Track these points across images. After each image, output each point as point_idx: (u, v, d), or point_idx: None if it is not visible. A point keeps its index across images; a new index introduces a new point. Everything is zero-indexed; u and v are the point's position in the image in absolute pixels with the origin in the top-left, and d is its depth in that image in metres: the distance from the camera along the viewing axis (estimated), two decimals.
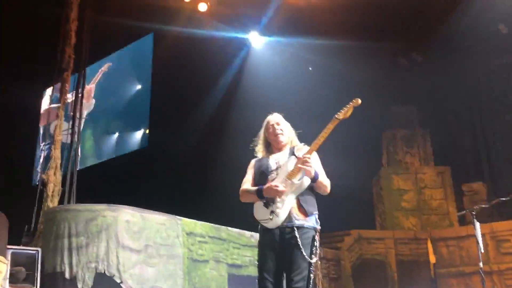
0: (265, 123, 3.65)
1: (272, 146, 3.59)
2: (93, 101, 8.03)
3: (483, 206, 5.66)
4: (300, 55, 10.08)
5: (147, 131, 9.80)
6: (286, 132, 3.57)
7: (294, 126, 3.68)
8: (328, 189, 3.40)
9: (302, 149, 3.46)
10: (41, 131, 10.50)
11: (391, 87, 10.54)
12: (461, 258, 8.54)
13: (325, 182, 3.37)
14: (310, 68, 10.68)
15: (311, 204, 3.36)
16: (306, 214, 3.29)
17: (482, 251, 5.26)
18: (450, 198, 10.20)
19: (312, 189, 3.36)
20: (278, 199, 3.27)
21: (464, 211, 6.12)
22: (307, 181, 3.28)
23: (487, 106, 10.49)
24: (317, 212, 3.37)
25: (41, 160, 9.65)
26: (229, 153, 8.52)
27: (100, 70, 8.46)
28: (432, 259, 8.54)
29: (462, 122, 10.60)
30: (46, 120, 7.90)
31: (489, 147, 10.57)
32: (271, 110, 3.83)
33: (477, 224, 5.34)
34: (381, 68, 10.20)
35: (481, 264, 5.23)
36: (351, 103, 3.36)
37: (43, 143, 10.22)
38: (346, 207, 9.14)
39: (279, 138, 3.54)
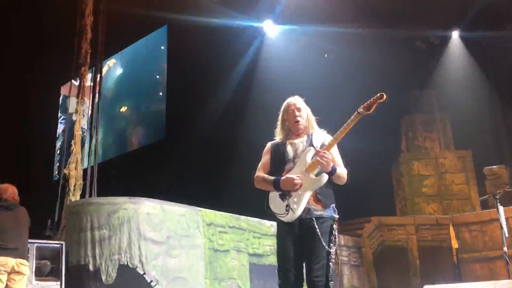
0: (284, 106, 3.52)
1: (290, 130, 3.48)
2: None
3: (507, 189, 5.58)
4: (316, 43, 10.00)
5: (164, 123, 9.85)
6: (305, 118, 3.46)
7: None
8: (345, 180, 3.35)
9: (320, 137, 3.42)
10: (60, 100, 10.66)
11: (409, 72, 10.40)
12: (484, 243, 8.44)
13: (342, 174, 3.31)
14: (326, 55, 10.59)
15: (328, 197, 3.32)
16: (323, 206, 3.28)
17: (507, 235, 5.19)
18: (472, 182, 10.07)
19: (329, 181, 3.31)
20: (294, 193, 3.25)
21: (487, 196, 6.06)
22: (325, 178, 3.22)
23: (508, 88, 10.27)
24: (334, 204, 3.35)
25: (58, 132, 9.72)
26: (247, 143, 8.52)
27: (106, 65, 8.50)
28: (455, 244, 8.45)
29: (482, 105, 10.41)
30: (67, 91, 7.95)
31: (510, 129, 10.38)
32: (288, 96, 3.76)
33: (501, 208, 5.28)
34: (399, 53, 10.06)
35: (505, 249, 5.17)
36: (375, 98, 3.21)
37: (60, 115, 10.41)
38: (366, 194, 9.08)
39: (298, 125, 3.44)
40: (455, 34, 10.46)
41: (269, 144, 3.56)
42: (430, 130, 10.86)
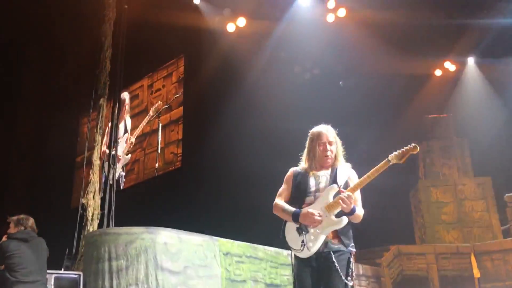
0: (315, 134, 3.45)
1: (316, 161, 3.42)
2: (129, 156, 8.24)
3: None
4: (332, 70, 10.08)
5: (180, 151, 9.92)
6: (335, 152, 3.41)
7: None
8: (360, 220, 3.31)
9: (345, 173, 3.36)
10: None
11: (425, 97, 10.40)
12: (507, 272, 8.23)
13: (359, 215, 3.28)
14: (341, 83, 10.66)
15: (348, 237, 3.30)
16: (342, 243, 3.25)
17: None
18: (492, 209, 9.88)
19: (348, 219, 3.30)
20: (311, 230, 3.23)
21: (509, 224, 5.94)
22: (344, 221, 3.19)
23: None
24: (352, 243, 3.32)
25: None
26: (265, 170, 8.52)
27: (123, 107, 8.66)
28: (477, 273, 8.27)
29: (500, 130, 10.30)
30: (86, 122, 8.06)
31: None
32: (306, 121, 3.74)
33: None
34: (414, 78, 10.09)
35: None
36: (408, 148, 3.18)
37: None
38: (384, 222, 8.97)
39: (327, 159, 3.39)
40: (471, 60, 10.49)
41: (291, 171, 3.52)
42: (448, 156, 10.76)
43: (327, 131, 3.45)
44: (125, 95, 8.23)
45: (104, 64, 6.97)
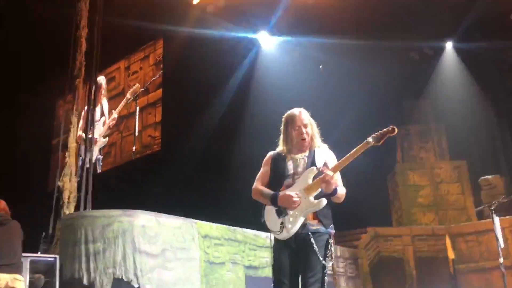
0: (289, 117, 3.46)
1: (293, 144, 3.43)
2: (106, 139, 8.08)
3: (502, 200, 5.58)
4: (310, 54, 10.05)
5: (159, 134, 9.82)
6: (310, 133, 3.42)
7: None
8: (342, 199, 3.33)
9: (323, 154, 3.37)
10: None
11: (403, 82, 10.46)
12: (481, 253, 8.43)
13: (341, 195, 3.30)
14: (321, 66, 10.64)
15: (328, 217, 3.32)
16: (322, 224, 3.26)
17: (502, 246, 5.19)
18: (467, 192, 10.09)
19: (329, 199, 3.31)
20: (290, 212, 3.23)
21: (483, 206, 6.05)
22: (323, 203, 3.19)
23: (503, 97, 10.34)
24: (332, 224, 3.34)
25: None
26: (242, 154, 8.52)
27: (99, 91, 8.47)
28: (451, 255, 8.45)
29: (477, 115, 10.47)
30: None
31: (505, 139, 10.42)
32: (284, 108, 3.73)
33: (496, 219, 5.28)
34: (393, 64, 10.12)
35: (501, 259, 5.16)
36: (386, 130, 3.20)
37: None
38: (362, 205, 9.06)
39: (304, 142, 3.40)
40: (449, 45, 10.54)
41: (269, 155, 3.52)
42: (425, 141, 10.90)
43: (300, 113, 3.45)
44: (101, 79, 8.09)
45: (80, 44, 6.80)
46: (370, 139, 3.21)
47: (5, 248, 4.36)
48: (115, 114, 7.36)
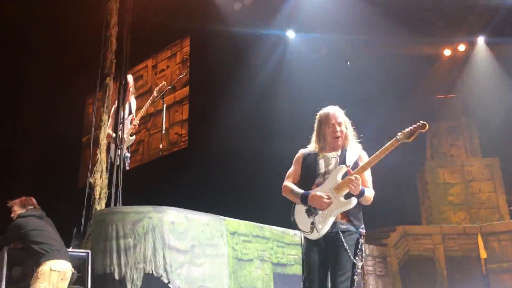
0: (323, 116, 3.41)
1: (326, 142, 3.39)
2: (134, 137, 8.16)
3: None
4: (338, 51, 9.97)
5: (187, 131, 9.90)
6: (345, 133, 3.37)
7: None
8: (371, 201, 3.29)
9: (355, 153, 3.33)
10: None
11: (434, 78, 10.29)
12: None
13: (369, 196, 3.26)
14: (348, 62, 10.54)
15: (359, 219, 3.29)
16: (353, 225, 3.23)
17: None
18: (500, 190, 9.86)
19: (357, 201, 3.26)
20: (320, 212, 3.20)
21: None
22: (354, 203, 3.16)
23: None
24: (363, 225, 3.30)
25: None
26: (271, 151, 8.50)
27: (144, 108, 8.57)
28: (483, 254, 8.28)
29: (509, 111, 10.21)
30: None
31: None
32: (312, 105, 3.69)
33: None
34: (425, 59, 9.97)
35: None
36: (416, 126, 3.12)
37: None
38: (391, 203, 8.95)
39: (337, 141, 3.35)
40: (481, 40, 10.32)
41: (300, 152, 3.49)
42: (455, 137, 10.69)
43: (335, 112, 3.41)
44: (129, 77, 8.20)
45: (110, 43, 6.89)
46: (399, 135, 3.15)
47: (55, 237, 4.48)
48: (136, 121, 7.43)
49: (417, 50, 9.85)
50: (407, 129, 3.15)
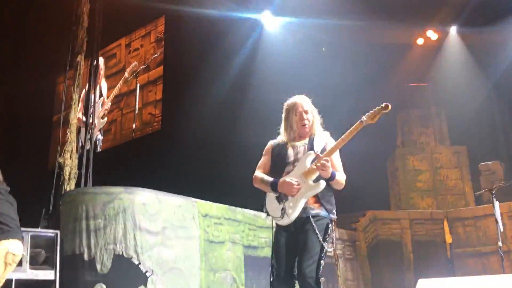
0: (290, 105, 3.46)
1: (294, 131, 3.44)
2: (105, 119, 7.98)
3: (503, 185, 5.60)
4: (314, 35, 9.96)
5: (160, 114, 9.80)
6: (311, 120, 3.41)
7: None
8: (343, 186, 3.33)
9: (322, 140, 3.36)
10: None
11: (405, 66, 10.41)
12: (478, 238, 8.50)
13: (340, 180, 3.29)
14: (324, 49, 10.57)
15: (330, 202, 3.32)
16: (325, 209, 3.26)
17: (502, 230, 5.21)
18: (466, 178, 10.13)
19: (329, 185, 3.30)
20: (290, 197, 3.23)
21: (482, 191, 6.07)
22: (323, 184, 3.20)
23: (505, 83, 10.30)
24: (335, 209, 3.34)
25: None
26: (244, 135, 8.51)
27: (117, 87, 8.40)
28: (449, 239, 8.52)
29: (478, 100, 10.45)
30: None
31: (506, 125, 10.42)
32: (287, 91, 3.72)
33: (496, 203, 5.30)
34: (396, 47, 10.06)
35: (500, 243, 5.19)
36: (379, 108, 3.17)
37: None
38: (361, 188, 9.09)
39: (305, 128, 3.40)
40: (453, 30, 10.46)
41: (270, 143, 3.53)
42: (425, 125, 10.89)
43: (302, 100, 3.46)
44: (100, 60, 8.04)
45: (82, 20, 6.72)
46: (364, 117, 3.19)
47: (16, 217, 4.19)
48: (108, 104, 7.32)
49: (390, 38, 9.93)
50: (371, 111, 3.20)
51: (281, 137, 3.50)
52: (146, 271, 5.10)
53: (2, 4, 10.54)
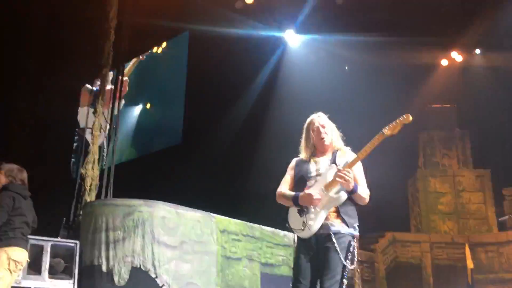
0: (308, 123, 3.48)
1: (315, 148, 3.44)
2: (122, 101, 8.06)
3: None
4: (337, 52, 9.97)
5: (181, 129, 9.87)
6: (330, 135, 3.40)
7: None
8: (367, 201, 3.28)
9: (344, 155, 3.34)
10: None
11: (429, 87, 10.33)
12: (500, 264, 8.30)
13: (363, 194, 3.24)
14: (346, 67, 10.57)
15: (352, 216, 3.26)
16: (346, 224, 3.23)
17: None
18: (489, 202, 9.93)
19: (352, 199, 3.26)
20: (312, 209, 3.21)
21: (506, 216, 5.94)
22: (344, 196, 3.17)
23: None
24: (357, 223, 3.30)
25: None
26: (265, 152, 8.51)
27: (132, 62, 8.49)
28: (470, 264, 8.31)
29: (502, 123, 10.27)
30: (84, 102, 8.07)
31: None
32: (308, 108, 3.74)
33: None
34: (420, 68, 9.99)
35: None
36: (400, 119, 3.14)
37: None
38: (380, 209, 8.97)
39: (323, 142, 3.38)
40: (478, 51, 10.37)
41: (294, 161, 3.53)
42: (448, 147, 10.74)
43: (318, 116, 3.47)
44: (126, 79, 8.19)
45: (109, 34, 6.86)
46: (385, 129, 3.17)
47: (29, 223, 4.17)
48: None
49: (414, 58, 9.87)
50: (392, 123, 3.17)
51: (303, 155, 3.50)
52: (163, 285, 5.09)
53: (31, 14, 10.81)
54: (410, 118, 3.11)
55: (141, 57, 7.95)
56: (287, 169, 3.54)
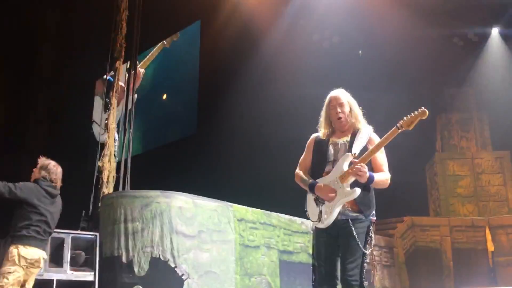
0: (327, 100, 3.43)
1: (332, 126, 3.40)
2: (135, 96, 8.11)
3: None
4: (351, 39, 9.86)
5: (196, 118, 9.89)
6: (347, 113, 3.35)
7: None
8: (387, 185, 3.28)
9: (364, 138, 3.29)
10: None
11: (446, 69, 10.15)
12: None
13: (381, 180, 3.23)
14: (360, 52, 10.45)
15: (368, 205, 3.26)
16: (362, 211, 3.20)
17: None
18: (509, 184, 9.80)
19: (368, 188, 3.25)
20: (327, 202, 3.21)
21: None
22: (357, 193, 3.15)
23: None
24: (374, 209, 3.28)
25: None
26: (280, 140, 8.48)
27: (151, 54, 8.48)
28: (491, 247, 8.23)
29: None
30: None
31: None
32: (323, 89, 3.67)
33: None
34: (437, 50, 9.82)
35: None
36: (416, 113, 3.10)
37: None
38: (399, 193, 8.90)
39: (341, 121, 3.35)
40: (495, 31, 10.16)
41: (312, 137, 3.49)
42: (466, 130, 10.59)
43: (337, 93, 3.41)
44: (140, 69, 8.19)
45: (120, 27, 6.86)
46: (399, 124, 3.12)
47: (50, 223, 4.28)
48: None
49: (431, 40, 9.71)
50: (407, 116, 3.13)
51: (322, 131, 3.45)
52: (182, 274, 5.13)
53: (46, 10, 10.89)
54: (427, 113, 3.07)
55: (165, 42, 7.89)
56: (306, 145, 3.51)
